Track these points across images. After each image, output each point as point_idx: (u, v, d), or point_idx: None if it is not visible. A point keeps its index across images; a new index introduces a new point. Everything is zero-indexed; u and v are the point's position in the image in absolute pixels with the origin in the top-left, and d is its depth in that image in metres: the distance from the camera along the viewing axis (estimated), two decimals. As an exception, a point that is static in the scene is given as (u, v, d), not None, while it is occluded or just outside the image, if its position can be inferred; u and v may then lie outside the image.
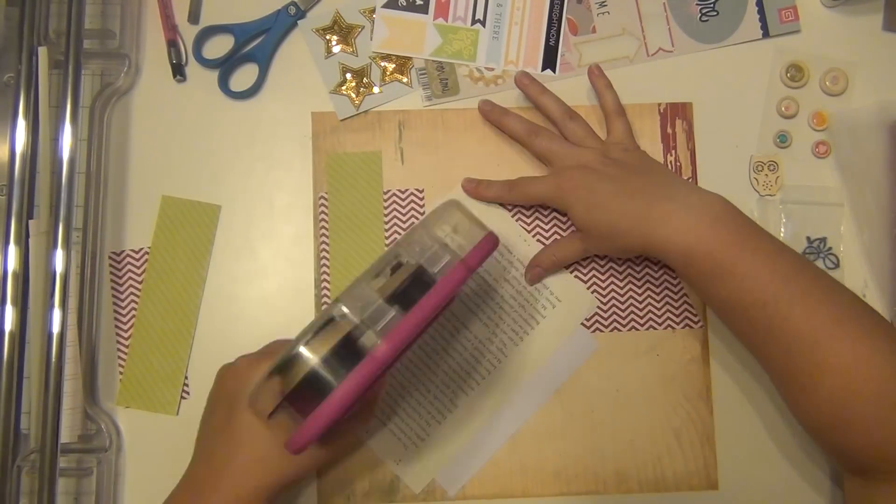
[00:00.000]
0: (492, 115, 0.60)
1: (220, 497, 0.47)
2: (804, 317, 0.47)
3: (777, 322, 0.48)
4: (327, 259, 0.60)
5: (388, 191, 0.61)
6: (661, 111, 0.62)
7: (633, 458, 0.58)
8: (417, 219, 0.61)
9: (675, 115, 0.62)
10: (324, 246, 0.60)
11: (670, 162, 0.61)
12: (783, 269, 0.49)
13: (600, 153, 0.56)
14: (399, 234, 0.60)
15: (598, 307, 0.60)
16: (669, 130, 0.61)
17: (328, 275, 0.60)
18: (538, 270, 0.59)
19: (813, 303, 0.48)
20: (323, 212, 0.61)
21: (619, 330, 0.60)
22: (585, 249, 0.58)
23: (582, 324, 0.60)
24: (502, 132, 0.61)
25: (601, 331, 0.60)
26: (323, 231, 0.60)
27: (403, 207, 0.61)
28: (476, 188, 0.60)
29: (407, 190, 0.61)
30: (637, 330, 0.60)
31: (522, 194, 0.58)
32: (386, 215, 0.61)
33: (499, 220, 0.60)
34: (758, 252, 0.49)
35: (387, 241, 0.60)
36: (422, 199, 0.61)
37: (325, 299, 0.60)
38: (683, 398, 0.59)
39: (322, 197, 0.61)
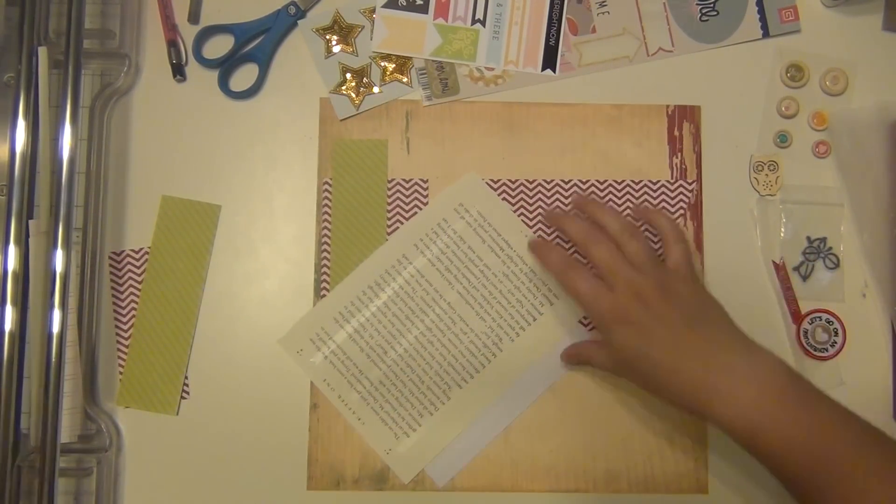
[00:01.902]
0: (551, 220, 0.58)
1: None
2: (883, 490, 0.44)
3: (854, 496, 0.45)
4: (328, 248, 0.60)
5: (393, 180, 0.61)
6: (669, 113, 0.61)
7: (625, 458, 0.58)
8: (420, 209, 0.61)
9: (683, 117, 0.61)
10: (325, 233, 0.60)
11: (676, 165, 0.61)
12: (857, 439, 0.46)
13: (659, 284, 0.51)
14: (401, 223, 0.61)
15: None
16: (676, 133, 0.61)
17: (328, 264, 0.60)
18: (572, 361, 0.58)
19: (890, 474, 0.45)
20: (326, 198, 0.61)
21: None
22: (618, 374, 0.54)
23: (580, 322, 0.60)
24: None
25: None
26: (325, 218, 0.61)
27: (407, 197, 0.61)
28: (539, 247, 0.57)
29: (411, 180, 0.61)
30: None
31: (570, 286, 0.54)
32: (389, 204, 0.61)
33: (500, 214, 0.60)
34: (828, 423, 0.46)
35: (388, 230, 0.60)
36: (426, 189, 0.61)
37: (324, 293, 0.60)
38: None
39: (326, 182, 0.61)
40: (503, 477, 0.58)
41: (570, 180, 0.61)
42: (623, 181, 0.61)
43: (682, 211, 0.61)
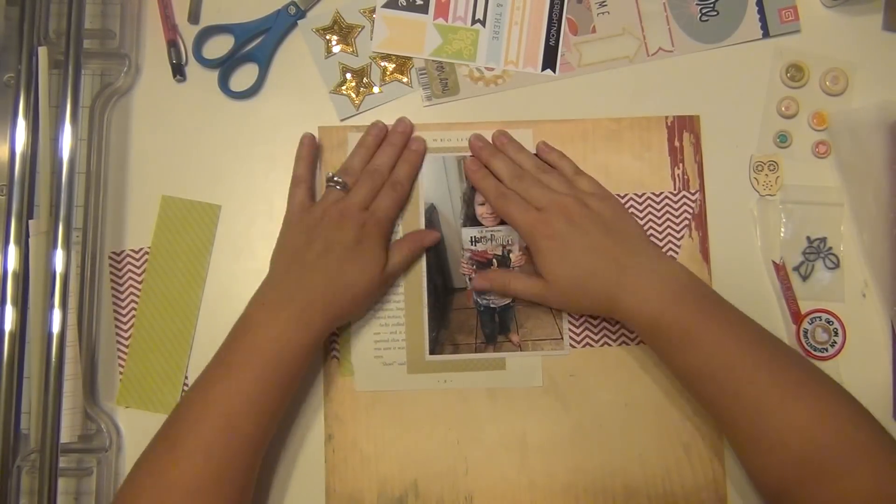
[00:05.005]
0: (483, 153, 0.60)
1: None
2: (770, 379, 0.50)
3: (744, 385, 0.50)
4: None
5: None
6: (669, 125, 0.61)
7: (643, 473, 0.58)
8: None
9: (683, 128, 0.61)
10: None
11: (678, 176, 0.61)
12: (747, 336, 0.52)
13: (579, 202, 0.55)
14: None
15: (607, 321, 0.59)
16: (677, 144, 0.61)
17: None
18: (484, 285, 0.59)
19: (777, 367, 0.50)
20: None
21: (628, 344, 0.59)
22: (543, 297, 0.57)
23: (588, 339, 0.60)
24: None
25: (609, 345, 0.59)
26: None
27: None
28: (476, 170, 0.60)
29: None
30: (646, 344, 0.59)
31: (504, 210, 0.57)
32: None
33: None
34: (722, 321, 0.52)
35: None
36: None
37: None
38: (692, 412, 0.58)
39: None
40: (522, 498, 0.58)
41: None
42: (626, 194, 0.61)
43: (686, 222, 0.60)
